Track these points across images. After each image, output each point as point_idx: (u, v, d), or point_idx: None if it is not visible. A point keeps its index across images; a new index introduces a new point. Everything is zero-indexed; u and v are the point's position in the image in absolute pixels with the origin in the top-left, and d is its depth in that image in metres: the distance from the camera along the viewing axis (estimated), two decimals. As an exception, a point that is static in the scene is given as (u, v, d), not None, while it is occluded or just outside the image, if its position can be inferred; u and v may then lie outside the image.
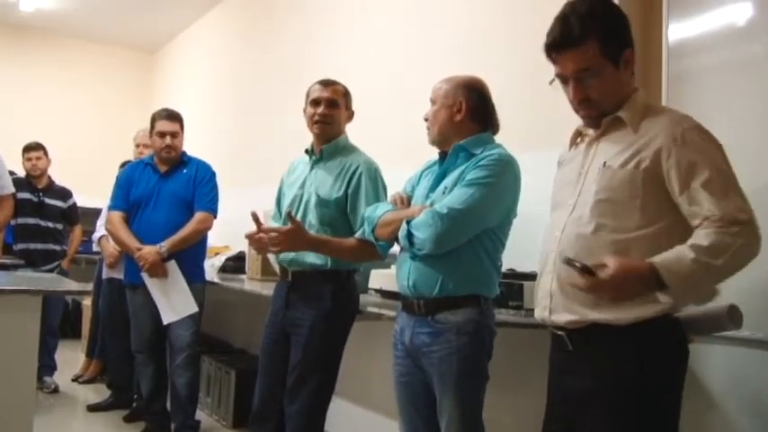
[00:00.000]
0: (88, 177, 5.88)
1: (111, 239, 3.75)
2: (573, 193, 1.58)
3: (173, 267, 3.18)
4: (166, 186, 3.32)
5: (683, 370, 1.50)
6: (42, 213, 4.49)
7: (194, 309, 3.21)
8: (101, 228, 4.15)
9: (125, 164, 4.09)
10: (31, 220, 4.44)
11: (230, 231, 3.55)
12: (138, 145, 4.12)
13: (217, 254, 4.26)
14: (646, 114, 1.53)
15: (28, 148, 4.58)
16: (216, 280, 3.73)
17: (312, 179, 2.53)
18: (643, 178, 1.46)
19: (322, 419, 2.48)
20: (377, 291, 2.76)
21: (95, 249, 4.47)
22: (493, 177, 1.86)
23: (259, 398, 2.54)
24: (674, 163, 1.43)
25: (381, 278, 2.73)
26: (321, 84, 2.55)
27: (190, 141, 3.55)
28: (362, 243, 2.19)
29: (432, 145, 2.07)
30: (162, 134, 3.33)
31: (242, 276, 3.99)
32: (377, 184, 2.47)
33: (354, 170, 2.46)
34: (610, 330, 1.46)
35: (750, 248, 1.37)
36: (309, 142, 2.60)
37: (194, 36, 6.63)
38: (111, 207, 3.47)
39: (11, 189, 3.88)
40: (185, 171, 3.37)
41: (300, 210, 2.50)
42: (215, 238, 4.06)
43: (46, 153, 4.60)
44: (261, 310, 2.79)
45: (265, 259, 3.49)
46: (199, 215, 3.27)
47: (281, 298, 2.53)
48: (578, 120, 1.64)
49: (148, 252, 3.14)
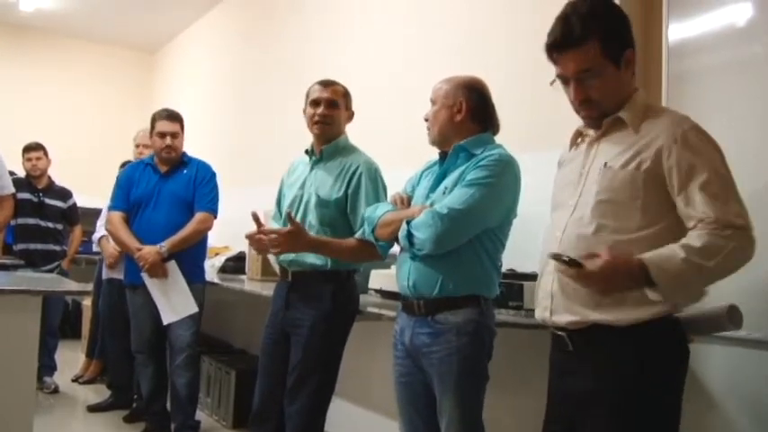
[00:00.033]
0: (88, 177, 5.88)
1: (111, 240, 3.75)
2: (574, 194, 1.58)
3: (173, 267, 3.18)
4: (166, 187, 3.32)
5: (684, 370, 1.50)
6: (42, 213, 4.48)
7: (194, 309, 3.22)
8: (101, 228, 4.14)
9: (125, 164, 4.09)
10: (31, 221, 4.44)
11: (230, 231, 3.55)
12: (138, 145, 4.11)
13: (217, 254, 4.27)
14: (646, 115, 1.53)
15: (28, 149, 4.58)
16: (216, 280, 3.73)
17: (312, 180, 2.53)
18: (644, 179, 1.46)
19: (322, 420, 2.48)
20: (377, 291, 2.76)
21: (95, 250, 4.47)
22: (493, 178, 1.86)
23: (259, 398, 2.54)
24: (675, 162, 1.43)
25: (381, 278, 2.72)
26: (321, 84, 2.54)
27: (190, 141, 3.55)
28: (362, 243, 2.19)
29: (432, 145, 2.07)
30: (162, 134, 3.32)
31: (242, 277, 3.99)
32: (377, 185, 2.47)
33: (354, 170, 2.46)
34: (610, 331, 1.46)
35: (743, 252, 1.37)
36: (309, 142, 2.60)
37: (194, 36, 6.63)
38: (111, 207, 3.47)
39: (11, 189, 3.88)
40: (185, 171, 3.37)
41: (300, 210, 2.50)
42: (215, 239, 4.06)
43: (46, 153, 4.60)
44: (261, 311, 2.79)
45: (265, 259, 3.49)
46: (199, 215, 3.27)
47: (281, 298, 2.53)
48: (578, 120, 1.64)
49: (148, 252, 3.14)
